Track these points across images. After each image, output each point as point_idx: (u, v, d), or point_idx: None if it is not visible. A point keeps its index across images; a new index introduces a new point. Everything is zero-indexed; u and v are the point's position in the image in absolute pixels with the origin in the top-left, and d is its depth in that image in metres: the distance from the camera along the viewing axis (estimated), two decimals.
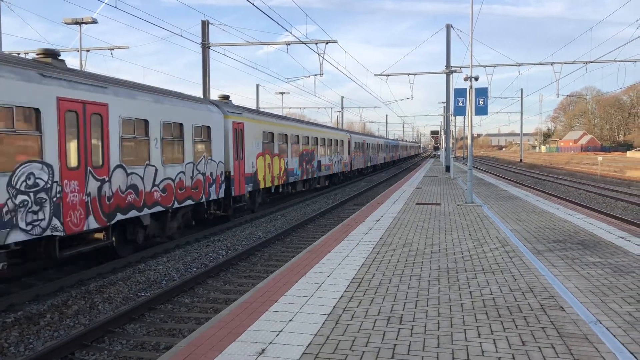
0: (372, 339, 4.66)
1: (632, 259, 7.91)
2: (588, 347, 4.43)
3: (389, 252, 8.49)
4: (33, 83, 8.62)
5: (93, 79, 10.56)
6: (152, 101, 12.12)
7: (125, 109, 11.05)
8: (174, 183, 12.82)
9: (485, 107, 16.12)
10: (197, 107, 14.45)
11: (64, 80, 9.41)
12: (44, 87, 8.86)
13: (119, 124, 10.81)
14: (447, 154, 36.30)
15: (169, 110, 12.73)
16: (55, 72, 9.41)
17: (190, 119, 13.76)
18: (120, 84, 11.41)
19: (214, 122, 15.20)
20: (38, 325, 7.39)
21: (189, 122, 13.69)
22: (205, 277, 9.97)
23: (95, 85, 10.29)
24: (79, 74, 10.53)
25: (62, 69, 10.01)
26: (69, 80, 9.57)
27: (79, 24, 16.91)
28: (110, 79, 11.53)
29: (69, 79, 9.62)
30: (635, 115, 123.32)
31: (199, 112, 14.40)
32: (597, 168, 47.78)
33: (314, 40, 24.69)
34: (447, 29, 33.27)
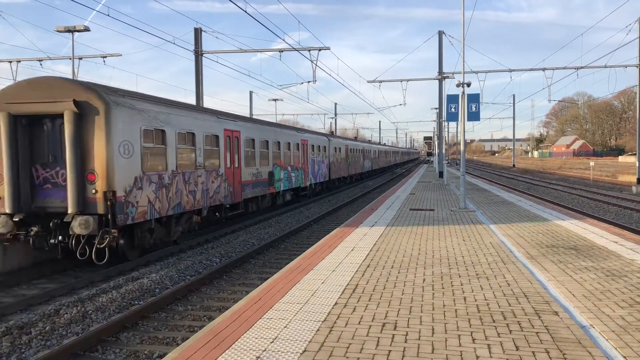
0: (367, 346, 4.65)
1: (624, 263, 7.95)
2: (582, 351, 4.44)
3: (383, 258, 8.49)
4: (215, 121, 15.82)
5: (233, 117, 17.96)
6: (258, 127, 19.86)
7: (246, 133, 18.36)
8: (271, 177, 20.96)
9: (477, 112, 16.20)
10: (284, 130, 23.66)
11: (224, 120, 16.68)
12: (220, 124, 16.12)
13: (244, 142, 18.03)
14: (440, 159, 36.42)
15: (266, 131, 20.55)
16: (222, 116, 16.80)
17: (273, 137, 21.38)
18: (242, 119, 19.05)
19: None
20: (30, 335, 7.33)
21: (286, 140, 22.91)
22: (199, 285, 9.93)
23: (234, 121, 17.61)
24: (229, 115, 17.81)
25: (224, 113, 17.49)
26: (226, 120, 16.89)
27: (71, 32, 16.87)
28: (239, 116, 19.44)
29: (227, 119, 16.97)
30: (627, 120, 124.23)
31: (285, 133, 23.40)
32: (590, 173, 48.07)
33: (306, 47, 24.79)
34: (439, 35, 33.47)
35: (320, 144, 29.25)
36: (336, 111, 69.37)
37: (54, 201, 11.01)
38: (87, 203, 10.68)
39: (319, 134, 32.02)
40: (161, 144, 12.75)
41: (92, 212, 10.61)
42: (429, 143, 59.75)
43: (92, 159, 10.71)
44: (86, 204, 10.67)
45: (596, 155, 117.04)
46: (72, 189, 10.52)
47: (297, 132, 26.04)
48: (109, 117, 10.73)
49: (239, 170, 17.44)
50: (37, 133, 11.15)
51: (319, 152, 28.75)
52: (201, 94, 26.06)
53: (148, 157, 12.13)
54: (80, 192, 10.61)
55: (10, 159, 10.78)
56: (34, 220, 10.91)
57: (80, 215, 10.49)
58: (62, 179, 10.98)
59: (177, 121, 13.51)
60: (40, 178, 11.14)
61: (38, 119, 11.06)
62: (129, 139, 11.36)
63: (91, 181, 10.73)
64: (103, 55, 22.30)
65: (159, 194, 12.48)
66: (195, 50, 25.57)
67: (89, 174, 10.75)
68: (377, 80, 33.79)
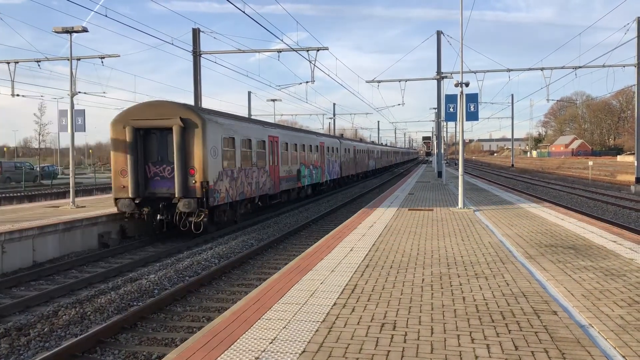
0: (366, 346, 4.65)
1: (623, 262, 7.95)
2: (581, 351, 4.44)
3: (382, 258, 8.49)
4: (262, 129, 20.11)
5: (273, 126, 23.19)
6: (290, 133, 24.41)
7: (282, 138, 22.36)
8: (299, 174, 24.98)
9: (476, 112, 16.20)
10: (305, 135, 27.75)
11: (268, 128, 21.08)
12: (266, 131, 20.41)
13: (281, 145, 22.10)
14: (439, 159, 36.42)
15: (295, 136, 24.83)
16: (266, 124, 21.75)
17: (300, 141, 25.33)
18: (279, 127, 24.14)
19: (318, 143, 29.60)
20: (28, 337, 7.31)
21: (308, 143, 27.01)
22: (198, 286, 9.92)
23: (274, 128, 22.32)
24: (270, 124, 23.33)
25: (267, 123, 22.86)
26: (269, 128, 21.26)
27: (69, 33, 16.82)
28: (277, 124, 25.56)
29: (269, 127, 21.59)
30: (625, 120, 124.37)
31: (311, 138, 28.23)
32: (588, 172, 48.10)
33: (305, 48, 24.77)
34: (438, 35, 33.47)
35: (333, 146, 33.38)
36: (335, 111, 69.36)
37: (161, 189, 15.09)
38: (189, 190, 14.74)
39: (332, 137, 36.88)
40: (232, 147, 16.93)
41: (192, 196, 14.68)
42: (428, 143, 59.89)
43: (193, 159, 14.75)
44: (188, 190, 14.72)
45: (595, 155, 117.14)
46: (178, 180, 14.52)
47: (316, 136, 30.58)
48: (204, 129, 14.83)
49: (277, 167, 21.70)
50: (150, 140, 15.18)
51: (332, 152, 32.83)
52: (200, 94, 26.04)
53: (226, 157, 16.34)
54: (184, 182, 14.65)
55: (132, 159, 14.79)
56: (147, 203, 15.00)
57: (184, 198, 14.56)
58: (167, 173, 15.05)
59: (240, 130, 17.80)
60: (151, 173, 15.24)
61: (151, 131, 15.07)
62: (216, 145, 15.51)
63: (192, 174, 14.80)
64: (101, 56, 22.23)
65: (231, 185, 16.68)
66: (193, 50, 25.55)
67: (190, 169, 14.80)
68: (376, 81, 33.76)
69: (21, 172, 41.95)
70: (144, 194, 15.02)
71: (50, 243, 12.87)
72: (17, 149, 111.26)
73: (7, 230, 11.85)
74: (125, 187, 15.00)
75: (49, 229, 12.84)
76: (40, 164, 59.99)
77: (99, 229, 14.59)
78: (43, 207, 18.07)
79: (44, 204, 19.94)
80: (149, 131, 15.08)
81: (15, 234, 11.83)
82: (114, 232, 15.16)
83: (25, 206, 19.08)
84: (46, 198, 29.82)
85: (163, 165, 15.06)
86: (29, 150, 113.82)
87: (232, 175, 16.64)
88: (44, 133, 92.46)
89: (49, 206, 18.16)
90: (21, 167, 45.56)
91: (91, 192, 34.76)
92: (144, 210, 14.99)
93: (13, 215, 15.26)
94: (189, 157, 14.69)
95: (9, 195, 30.27)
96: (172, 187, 14.80)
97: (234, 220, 17.81)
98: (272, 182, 20.84)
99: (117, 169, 15.27)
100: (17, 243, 11.86)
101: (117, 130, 15.17)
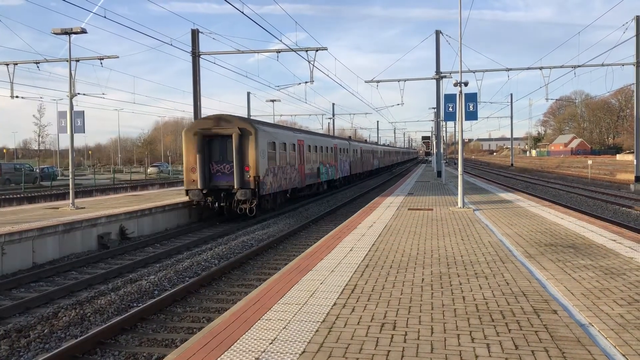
0: (366, 346, 4.65)
1: (622, 261, 7.96)
2: (581, 350, 4.44)
3: (382, 258, 8.49)
4: (293, 135, 24.20)
5: (300, 131, 28.51)
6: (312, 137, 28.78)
7: (307, 141, 26.48)
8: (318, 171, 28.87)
9: (475, 112, 16.21)
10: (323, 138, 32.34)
11: (297, 133, 25.73)
12: (295, 136, 24.60)
13: (306, 147, 25.96)
14: (439, 159, 36.42)
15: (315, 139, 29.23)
16: (295, 130, 27.36)
17: (319, 143, 29.52)
18: (304, 132, 28.97)
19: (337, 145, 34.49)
20: (28, 338, 7.31)
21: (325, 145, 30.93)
22: (198, 287, 9.92)
23: (301, 133, 26.62)
24: (298, 130, 29.83)
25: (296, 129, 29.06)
26: (298, 133, 25.72)
27: (68, 34, 16.80)
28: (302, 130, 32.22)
29: (298, 133, 25.93)
30: (624, 118, 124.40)
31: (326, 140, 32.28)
32: (588, 171, 48.12)
33: (304, 48, 24.75)
34: (437, 35, 33.48)
35: (344, 147, 37.69)
36: (334, 111, 69.35)
37: (222, 182, 19.05)
38: (244, 182, 18.77)
39: (342, 139, 41.88)
40: (274, 150, 20.96)
41: (247, 187, 18.73)
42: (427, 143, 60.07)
43: (247, 158, 18.85)
44: (244, 183, 18.76)
45: (594, 154, 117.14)
46: (237, 175, 18.59)
47: (331, 138, 35.75)
48: (256, 136, 19.00)
49: (303, 166, 25.85)
50: (213, 144, 19.22)
51: (343, 153, 37.19)
52: (199, 95, 26.03)
53: (270, 157, 20.37)
54: (241, 177, 18.70)
55: (200, 159, 18.78)
56: (210, 193, 18.94)
57: (241, 189, 18.62)
58: (227, 170, 19.06)
59: (279, 136, 21.98)
60: (214, 169, 19.24)
61: (214, 137, 19.07)
62: (264, 148, 19.66)
63: (247, 171, 18.84)
64: (100, 57, 22.20)
65: (273, 179, 20.78)
66: (192, 51, 25.53)
67: (245, 167, 18.83)
68: (375, 80, 33.75)
69: (21, 174, 41.95)
70: (208, 186, 18.95)
71: (50, 244, 12.86)
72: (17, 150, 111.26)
73: (7, 231, 11.84)
74: (195, 181, 18.88)
75: (49, 231, 12.84)
76: (40, 166, 59.99)
77: (98, 230, 14.59)
78: (43, 208, 18.06)
79: (44, 205, 19.94)
80: (212, 137, 19.05)
81: (15, 236, 11.83)
82: (113, 233, 15.17)
83: (24, 207, 19.08)
84: (46, 199, 29.79)
85: (223, 163, 19.13)
86: (29, 151, 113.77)
87: (274, 171, 20.82)
88: (44, 134, 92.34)
89: (49, 207, 18.15)
90: (21, 168, 45.53)
91: (91, 193, 34.74)
92: (209, 198, 18.87)
93: (13, 216, 15.25)
94: (244, 157, 18.76)
95: (9, 197, 30.25)
96: (231, 180, 18.80)
97: (273, 207, 21.76)
98: (299, 177, 25.01)
99: (188, 166, 19.16)
100: (16, 244, 11.85)
101: (189, 137, 19.18)
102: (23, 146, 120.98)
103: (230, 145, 18.73)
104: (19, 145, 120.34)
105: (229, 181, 18.81)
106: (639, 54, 31.64)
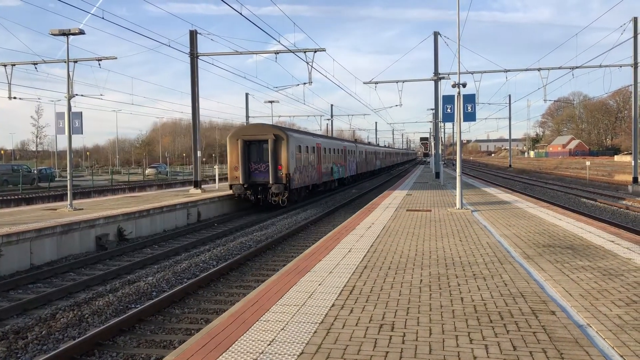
0: (364, 347, 4.64)
1: (620, 262, 7.97)
2: (579, 351, 4.44)
3: (380, 259, 8.49)
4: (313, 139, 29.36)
5: (318, 136, 34.18)
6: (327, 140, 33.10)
7: (323, 144, 30.42)
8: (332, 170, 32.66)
9: (473, 113, 16.21)
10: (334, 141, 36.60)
11: (316, 137, 31.13)
12: (315, 140, 29.40)
13: (322, 150, 29.70)
14: (437, 160, 36.44)
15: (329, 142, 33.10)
16: (315, 135, 33.31)
17: (332, 146, 33.55)
18: (321, 136, 34.25)
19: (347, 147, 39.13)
20: (26, 340, 7.29)
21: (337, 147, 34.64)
22: (196, 288, 9.91)
23: (319, 137, 32.04)
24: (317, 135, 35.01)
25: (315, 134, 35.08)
26: (317, 137, 31.19)
27: (66, 35, 16.78)
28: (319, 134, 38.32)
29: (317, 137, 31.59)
30: (622, 120, 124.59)
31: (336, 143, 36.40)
32: (586, 172, 48.18)
33: (302, 49, 24.74)
34: (435, 36, 33.50)
35: (352, 149, 42.19)
36: (332, 112, 69.27)
37: (259, 178, 23.01)
38: (278, 178, 22.72)
39: (349, 141, 47.12)
40: (299, 152, 24.98)
41: (280, 183, 22.69)
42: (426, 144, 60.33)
43: (280, 159, 22.90)
44: (278, 179, 22.71)
45: (592, 155, 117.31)
46: (272, 172, 22.59)
47: (341, 141, 40.71)
48: (288, 141, 23.08)
49: (320, 166, 29.86)
50: (252, 147, 23.21)
51: (351, 154, 41.57)
52: (197, 96, 26.00)
53: (297, 158, 24.47)
54: (275, 174, 22.66)
55: (242, 159, 22.85)
56: (250, 187, 22.98)
57: (275, 184, 22.56)
58: (263, 168, 23.02)
59: (303, 140, 26.49)
60: (252, 167, 23.18)
61: (252, 142, 23.13)
62: (293, 150, 23.69)
63: (280, 169, 22.81)
64: (98, 58, 22.17)
65: (300, 176, 24.95)
66: (190, 52, 25.51)
67: (279, 166, 22.82)
68: (373, 82, 33.75)
69: (18, 175, 41.85)
70: (248, 181, 22.93)
71: (47, 246, 12.84)
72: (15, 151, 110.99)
73: (5, 233, 11.82)
74: (238, 177, 22.91)
75: (47, 232, 12.81)
76: (38, 167, 59.86)
77: (96, 231, 14.58)
78: (40, 209, 18.04)
79: (42, 206, 19.91)
80: (251, 142, 23.12)
81: (13, 237, 11.81)
82: (111, 234, 15.15)
83: (22, 209, 19.05)
84: (44, 201, 29.75)
85: (260, 163, 23.12)
86: (27, 152, 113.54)
87: (300, 170, 24.91)
88: (41, 135, 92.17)
89: (47, 209, 18.12)
90: (18, 169, 45.44)
91: (89, 194, 34.69)
92: (248, 192, 22.93)
93: (10, 218, 15.23)
94: (278, 158, 22.81)
95: (7, 198, 30.21)
96: (267, 177, 22.76)
97: (298, 200, 25.82)
98: (318, 175, 29.16)
99: (232, 165, 23.26)
100: (14, 246, 11.83)
101: (232, 142, 23.35)
102: (21, 147, 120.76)
103: (267, 148, 22.75)
104: (17, 146, 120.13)
105: (265, 178, 22.76)
106: (636, 55, 31.69)
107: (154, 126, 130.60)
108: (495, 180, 43.88)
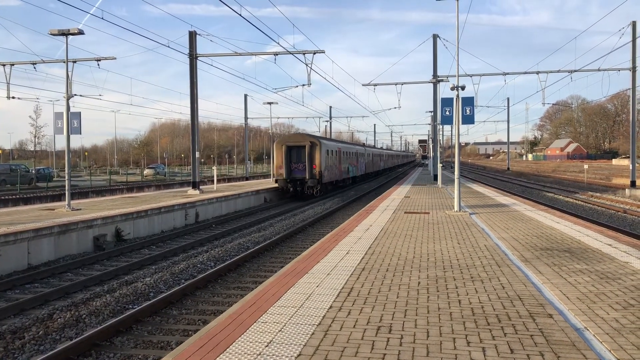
0: (362, 349, 4.65)
1: (618, 265, 7.98)
2: (576, 354, 4.45)
3: (378, 262, 8.49)
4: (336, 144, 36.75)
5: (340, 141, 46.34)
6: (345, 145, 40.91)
7: (343, 148, 37.54)
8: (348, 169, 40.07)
9: (472, 116, 16.24)
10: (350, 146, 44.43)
11: (338, 143, 40.05)
12: (337, 145, 36.91)
13: (342, 153, 37.14)
14: (435, 162, 36.46)
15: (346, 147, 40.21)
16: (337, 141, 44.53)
17: (348, 149, 39.88)
18: (340, 141, 44.97)
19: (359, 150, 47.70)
20: (23, 340, 7.28)
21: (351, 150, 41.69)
22: (194, 289, 9.90)
23: (340, 143, 41.41)
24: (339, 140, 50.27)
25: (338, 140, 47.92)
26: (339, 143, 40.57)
27: (65, 35, 16.77)
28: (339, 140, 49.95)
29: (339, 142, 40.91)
30: (620, 123, 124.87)
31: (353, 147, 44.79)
32: (584, 176, 48.25)
33: (301, 51, 24.77)
34: (434, 38, 33.56)
35: (361, 152, 49.18)
36: (331, 114, 69.27)
37: (297, 175, 29.81)
38: (313, 174, 29.63)
39: (359, 145, 55.28)
40: (327, 155, 31.40)
41: (315, 178, 29.52)
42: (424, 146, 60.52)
43: (315, 160, 29.78)
44: (312, 175, 29.62)
45: (590, 158, 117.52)
46: (308, 170, 29.53)
47: (353, 145, 48.37)
48: (321, 147, 30.03)
49: (340, 165, 36.20)
50: (292, 151, 30.07)
51: (361, 156, 48.27)
52: (196, 97, 26.00)
53: (327, 159, 31.07)
54: (311, 171, 29.59)
55: (285, 160, 29.83)
56: (291, 182, 29.69)
57: (311, 179, 29.42)
58: (301, 167, 29.83)
59: (330, 146, 32.87)
60: (293, 166, 30.00)
61: (293, 147, 30.12)
62: (324, 153, 30.41)
63: (314, 168, 29.64)
64: (97, 58, 22.14)
65: (328, 174, 31.62)
66: (189, 53, 25.52)
67: (313, 165, 29.66)
68: (372, 84, 33.82)
69: (16, 175, 41.76)
70: (289, 177, 29.84)
71: (45, 246, 12.82)
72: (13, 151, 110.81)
73: (2, 232, 11.80)
74: (282, 174, 29.73)
75: (44, 232, 12.80)
76: (36, 167, 59.75)
77: (94, 231, 14.56)
78: (38, 209, 18.01)
79: (40, 206, 19.88)
80: (292, 147, 30.15)
81: (10, 237, 11.79)
82: (109, 234, 15.14)
83: (20, 209, 19.01)
84: (42, 201, 29.70)
85: (299, 163, 29.97)
86: (25, 152, 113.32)
87: (328, 169, 31.64)
88: (40, 135, 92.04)
89: (45, 209, 18.10)
90: (16, 169, 45.35)
91: (87, 194, 34.64)
92: (289, 185, 29.62)
93: (8, 217, 15.20)
94: (313, 159, 29.78)
95: (4, 198, 30.15)
96: (304, 174, 29.64)
97: (326, 192, 32.26)
98: (339, 173, 35.58)
99: (277, 164, 30.16)
100: (11, 246, 11.81)
101: (278, 147, 30.31)
102: (19, 147, 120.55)
103: (304, 152, 29.76)
104: (15, 146, 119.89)
105: (303, 174, 29.74)
106: (635, 59, 31.78)
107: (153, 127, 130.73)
108: (493, 182, 43.92)
